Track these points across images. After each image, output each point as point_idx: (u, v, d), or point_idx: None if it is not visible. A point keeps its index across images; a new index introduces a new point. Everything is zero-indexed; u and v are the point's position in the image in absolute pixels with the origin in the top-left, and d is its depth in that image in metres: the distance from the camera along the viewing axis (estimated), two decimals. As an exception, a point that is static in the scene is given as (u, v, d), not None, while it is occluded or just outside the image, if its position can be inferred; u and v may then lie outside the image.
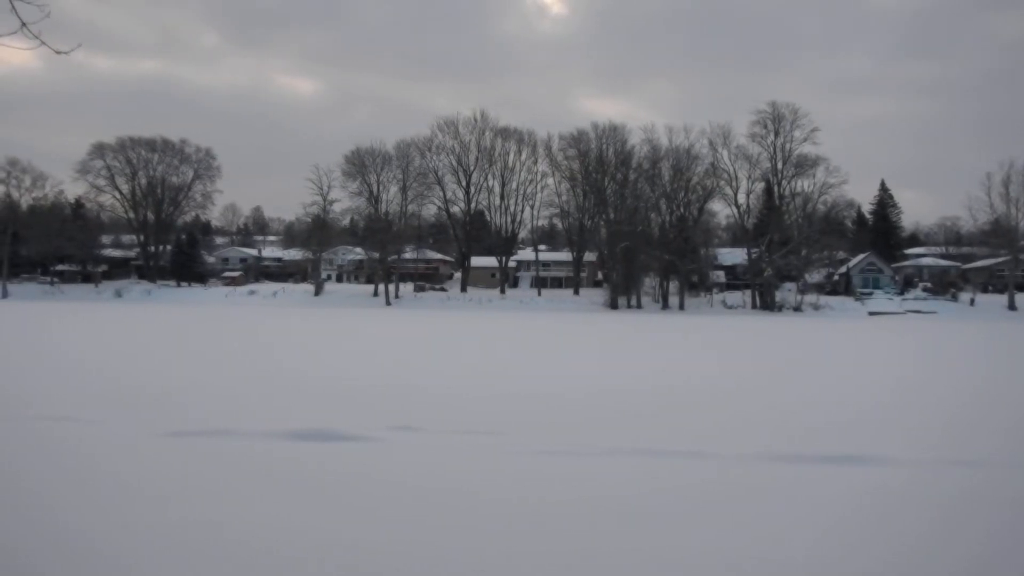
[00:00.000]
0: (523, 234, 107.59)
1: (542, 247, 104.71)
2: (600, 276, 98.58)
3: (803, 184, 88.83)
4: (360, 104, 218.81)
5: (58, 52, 4.75)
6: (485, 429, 11.75)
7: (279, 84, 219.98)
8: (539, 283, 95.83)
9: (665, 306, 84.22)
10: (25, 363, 21.24)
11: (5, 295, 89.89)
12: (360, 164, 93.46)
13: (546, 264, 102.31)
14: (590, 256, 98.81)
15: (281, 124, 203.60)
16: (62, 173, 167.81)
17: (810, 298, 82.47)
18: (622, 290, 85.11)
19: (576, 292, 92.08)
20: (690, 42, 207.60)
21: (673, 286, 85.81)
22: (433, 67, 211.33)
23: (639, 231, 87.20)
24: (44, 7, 4.60)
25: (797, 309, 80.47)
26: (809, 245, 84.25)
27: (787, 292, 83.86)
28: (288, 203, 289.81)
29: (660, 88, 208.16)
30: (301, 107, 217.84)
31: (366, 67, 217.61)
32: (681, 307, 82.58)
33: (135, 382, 17.19)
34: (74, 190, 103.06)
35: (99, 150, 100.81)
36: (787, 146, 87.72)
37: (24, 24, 4.60)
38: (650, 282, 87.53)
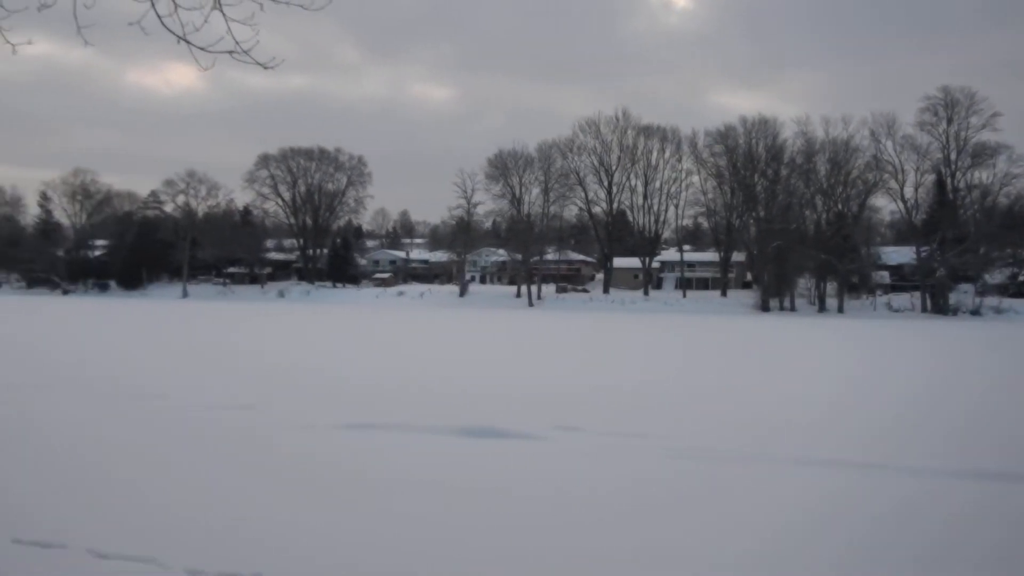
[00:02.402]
0: (667, 234, 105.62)
1: (687, 247, 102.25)
2: (749, 277, 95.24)
3: (981, 175, 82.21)
4: (493, 109, 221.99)
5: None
6: (643, 431, 11.38)
7: (415, 92, 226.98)
8: (684, 284, 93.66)
9: (822, 308, 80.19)
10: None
11: (185, 295, 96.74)
12: (503, 167, 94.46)
13: (691, 265, 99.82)
14: (738, 256, 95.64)
15: (420, 130, 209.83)
16: (232, 183, 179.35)
17: (991, 301, 75.60)
18: (773, 292, 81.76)
19: (723, 294, 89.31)
20: (838, 27, 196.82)
21: (830, 287, 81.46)
22: (564, 69, 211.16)
23: (792, 229, 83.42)
24: (254, 27, 4.70)
25: (975, 312, 74.06)
26: (989, 242, 77.40)
27: (963, 294, 77.36)
28: (433, 206, 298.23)
29: (804, 78, 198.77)
30: (437, 114, 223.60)
31: (497, 72, 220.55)
32: (840, 310, 78.29)
33: (324, 378, 17.77)
34: (242, 198, 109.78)
35: (264, 161, 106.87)
36: (962, 134, 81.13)
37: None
38: (804, 283, 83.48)
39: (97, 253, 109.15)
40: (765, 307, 80.00)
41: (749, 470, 9.06)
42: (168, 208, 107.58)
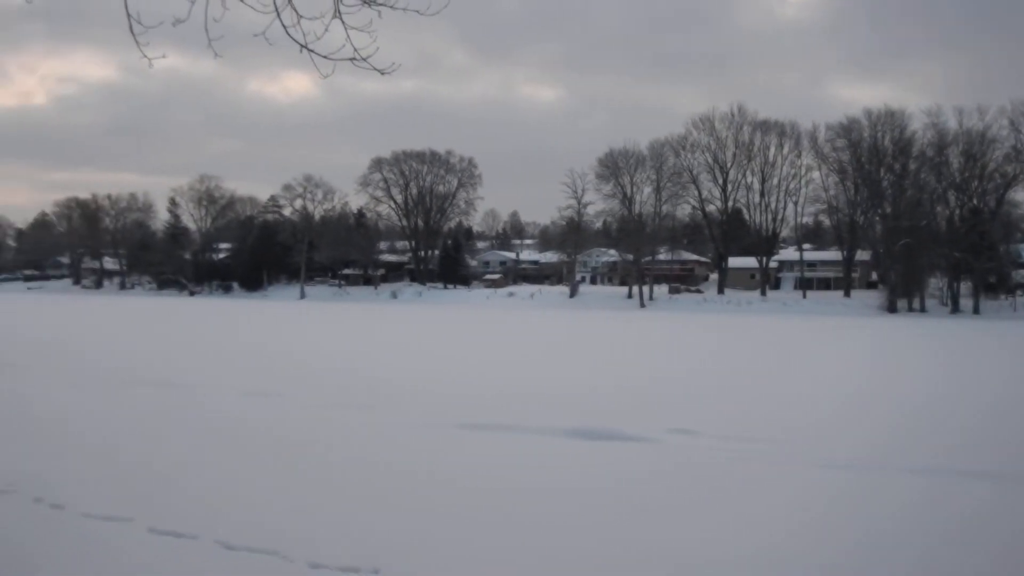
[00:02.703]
0: (785, 232, 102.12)
1: (807, 246, 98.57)
2: (875, 277, 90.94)
3: None
4: (601, 107, 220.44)
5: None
6: (763, 436, 10.98)
7: (524, 93, 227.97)
8: (803, 284, 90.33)
9: (955, 310, 75.70)
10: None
11: (303, 296, 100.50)
12: (613, 166, 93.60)
13: (811, 264, 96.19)
14: (862, 255, 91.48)
15: (529, 131, 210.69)
16: (346, 186, 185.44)
17: None
18: (901, 292, 77.76)
19: (847, 294, 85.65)
20: (969, 9, 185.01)
21: (964, 287, 76.78)
22: (673, 65, 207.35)
23: (922, 226, 79.03)
24: (372, 33, 4.80)
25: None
26: None
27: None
28: (543, 207, 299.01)
29: (931, 66, 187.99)
30: (545, 114, 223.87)
31: (605, 71, 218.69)
32: (976, 311, 73.70)
33: (443, 378, 18.10)
34: (357, 201, 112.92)
35: (377, 164, 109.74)
36: (1116, 121, 74.71)
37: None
38: (936, 283, 79.02)
39: (221, 256, 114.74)
40: (892, 308, 76.19)
41: (869, 481, 8.61)
42: (287, 212, 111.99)
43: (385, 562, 5.71)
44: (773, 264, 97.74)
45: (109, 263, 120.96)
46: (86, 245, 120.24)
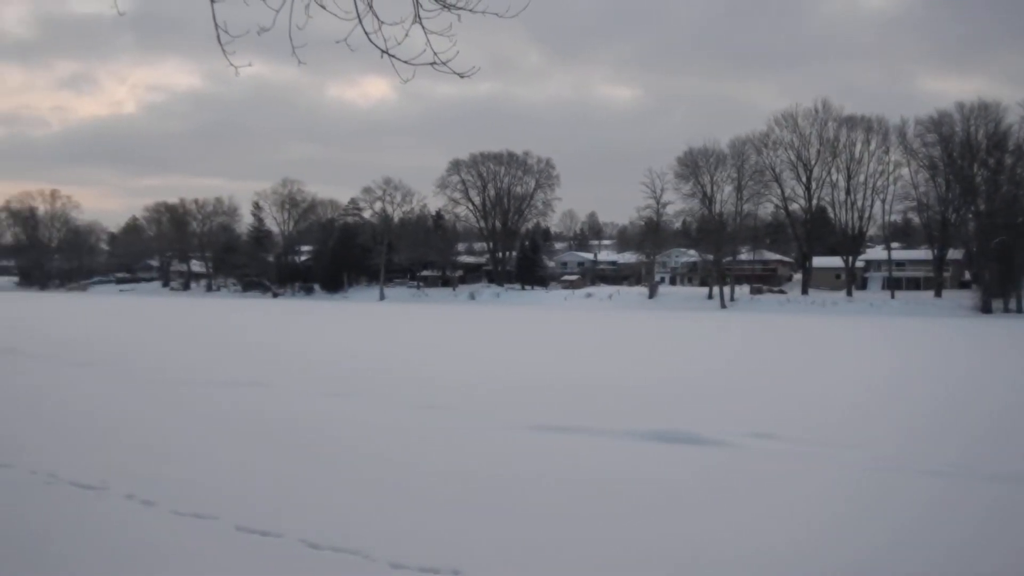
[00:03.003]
0: (872, 231, 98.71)
1: (895, 245, 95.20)
2: (967, 276, 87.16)
3: None
4: (679, 106, 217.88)
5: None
6: (848, 442, 10.65)
7: (600, 93, 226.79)
8: (891, 284, 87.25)
9: (1055, 310, 72.07)
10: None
11: (382, 297, 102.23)
12: (693, 165, 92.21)
13: (900, 263, 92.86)
14: (954, 254, 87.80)
15: (605, 131, 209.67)
16: (424, 188, 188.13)
17: None
18: (996, 292, 74.35)
19: (938, 294, 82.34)
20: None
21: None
22: (752, 62, 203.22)
23: (1018, 223, 75.42)
24: (451, 37, 4.86)
25: None
26: None
27: None
28: (621, 207, 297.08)
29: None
30: (622, 114, 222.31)
31: (682, 69, 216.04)
32: (1078, 311, 70.04)
33: (513, 378, 18.17)
34: (435, 203, 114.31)
35: (455, 166, 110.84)
36: None
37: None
38: (1033, 282, 75.30)
39: (303, 258, 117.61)
40: (986, 308, 72.94)
41: (965, 488, 8.21)
42: (366, 214, 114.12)
43: (465, 563, 5.73)
44: (859, 264, 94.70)
45: (196, 266, 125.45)
46: (174, 248, 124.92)
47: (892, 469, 9.06)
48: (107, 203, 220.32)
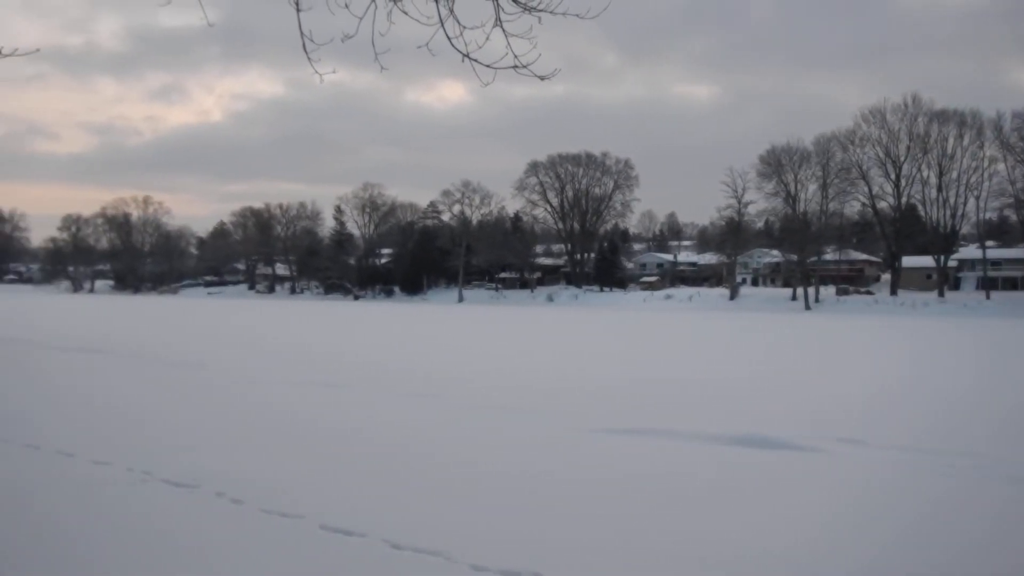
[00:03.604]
0: (966, 229, 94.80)
1: (990, 243, 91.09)
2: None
3: None
4: (757, 103, 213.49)
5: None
6: (942, 448, 10.25)
7: (675, 92, 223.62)
8: (987, 284, 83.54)
9: None
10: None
11: (461, 299, 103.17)
12: (776, 163, 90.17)
13: (996, 263, 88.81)
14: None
15: (682, 130, 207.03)
16: (501, 190, 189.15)
17: None
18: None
19: (1039, 294, 78.53)
20: None
21: None
22: (834, 56, 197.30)
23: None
24: (532, 40, 4.89)
25: None
26: None
27: None
28: (701, 207, 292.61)
29: None
30: (700, 112, 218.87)
31: (760, 66, 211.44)
32: None
33: (600, 379, 18.10)
34: (513, 205, 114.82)
35: (533, 168, 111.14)
36: None
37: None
38: None
39: (383, 261, 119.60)
40: (1092, 310, 69.15)
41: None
42: (445, 217, 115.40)
43: (545, 566, 5.71)
44: (952, 263, 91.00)
45: (280, 269, 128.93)
46: (260, 252, 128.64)
47: (997, 478, 8.64)
48: (195, 208, 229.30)
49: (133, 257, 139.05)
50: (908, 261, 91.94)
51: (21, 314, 51.88)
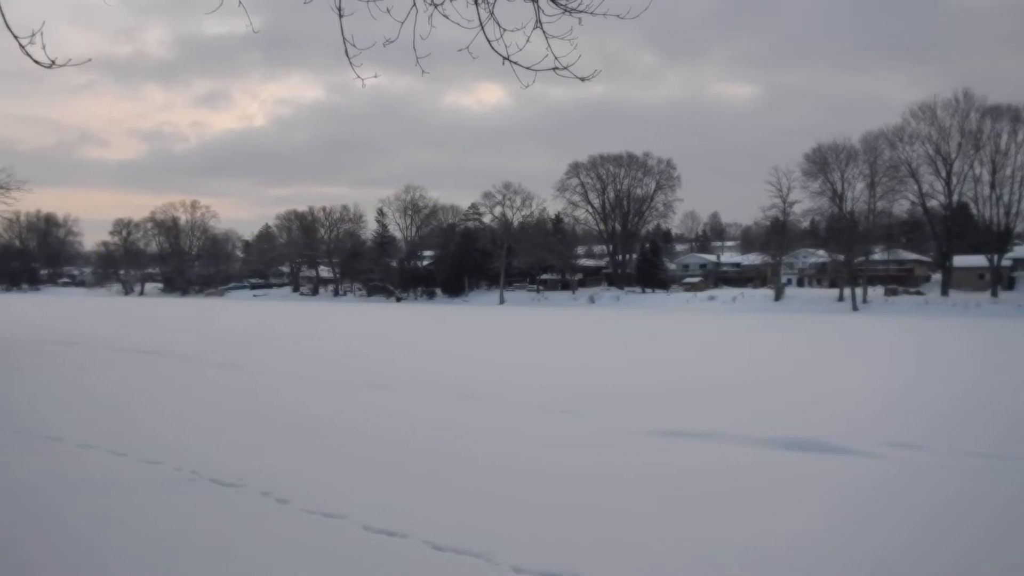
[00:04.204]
0: (1020, 227, 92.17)
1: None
2: None
3: None
4: (800, 101, 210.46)
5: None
6: (1004, 452, 9.88)
7: (715, 92, 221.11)
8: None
9: None
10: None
11: (502, 301, 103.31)
12: (821, 162, 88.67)
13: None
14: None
15: (723, 129, 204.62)
16: (541, 191, 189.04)
17: None
18: None
19: (1097, 294, 76.16)
20: None
21: None
22: (878, 54, 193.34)
23: None
24: (572, 40, 4.92)
25: None
26: None
27: None
28: (744, 207, 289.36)
29: None
30: (740, 111, 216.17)
31: (802, 64, 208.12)
32: None
33: (642, 381, 18.01)
34: (554, 206, 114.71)
35: (574, 169, 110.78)
36: None
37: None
38: None
39: (425, 263, 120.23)
40: None
41: None
42: (486, 219, 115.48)
43: (586, 566, 5.70)
44: (1006, 262, 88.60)
45: (323, 271, 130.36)
46: (304, 255, 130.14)
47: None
48: (241, 212, 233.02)
49: (181, 260, 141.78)
50: (960, 261, 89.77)
51: (79, 317, 53.20)
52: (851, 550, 6.25)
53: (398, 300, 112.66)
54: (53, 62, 4.07)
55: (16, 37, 3.93)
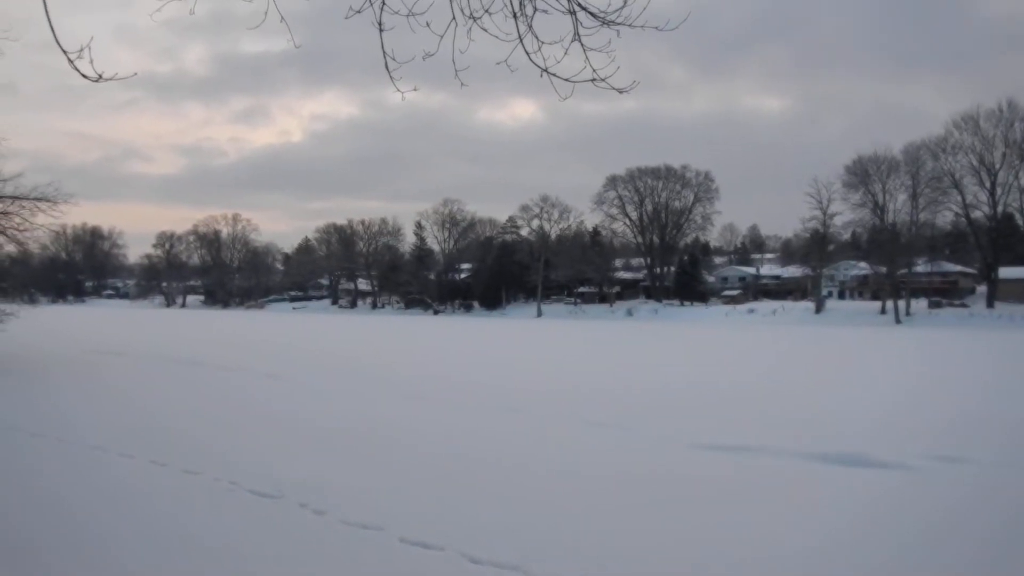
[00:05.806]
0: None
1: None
2: None
3: None
4: (837, 112, 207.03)
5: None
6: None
7: (747, 104, 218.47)
8: (1096, 297, 79.04)
9: None
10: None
11: (540, 314, 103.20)
12: (862, 173, 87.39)
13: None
14: None
15: (758, 142, 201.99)
16: (579, 205, 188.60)
17: None
18: None
19: None
20: None
21: None
22: (912, 64, 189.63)
23: None
24: (610, 52, 4.87)
25: None
26: None
27: None
28: (784, 219, 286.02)
29: None
30: (773, 123, 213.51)
31: (834, 75, 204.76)
32: None
33: (673, 396, 17.86)
34: (591, 220, 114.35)
35: (612, 182, 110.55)
36: None
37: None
38: None
39: (462, 276, 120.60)
40: None
41: None
42: (524, 232, 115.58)
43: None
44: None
45: (362, 284, 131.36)
46: (343, 267, 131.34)
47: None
48: (280, 225, 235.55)
49: (223, 273, 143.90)
50: (1006, 272, 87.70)
51: (122, 329, 54.20)
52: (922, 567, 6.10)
53: (436, 313, 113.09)
54: (100, 76, 4.17)
55: (65, 52, 4.04)
